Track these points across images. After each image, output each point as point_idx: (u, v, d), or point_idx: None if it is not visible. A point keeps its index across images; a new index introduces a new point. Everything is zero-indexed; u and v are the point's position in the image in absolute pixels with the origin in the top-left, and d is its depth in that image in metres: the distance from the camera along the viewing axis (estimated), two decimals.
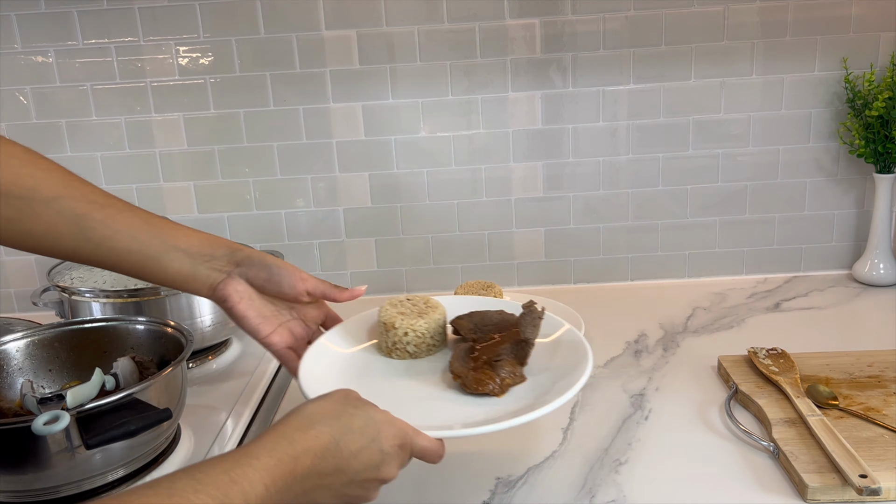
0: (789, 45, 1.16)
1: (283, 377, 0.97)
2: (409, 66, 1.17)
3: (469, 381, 0.66)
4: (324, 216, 1.25)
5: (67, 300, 0.95)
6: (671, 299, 1.17)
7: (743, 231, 1.25)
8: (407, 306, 0.76)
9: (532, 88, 1.18)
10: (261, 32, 1.16)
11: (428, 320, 0.74)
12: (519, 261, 1.27)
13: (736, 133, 1.20)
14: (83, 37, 1.15)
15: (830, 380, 0.83)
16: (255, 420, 0.86)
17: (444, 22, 1.15)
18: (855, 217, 1.24)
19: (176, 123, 1.20)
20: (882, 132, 1.13)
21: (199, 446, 0.78)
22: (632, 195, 1.23)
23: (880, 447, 0.69)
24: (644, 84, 1.18)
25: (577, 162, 1.22)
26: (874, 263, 1.18)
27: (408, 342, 0.73)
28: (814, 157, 1.21)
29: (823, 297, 1.16)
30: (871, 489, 0.61)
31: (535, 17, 1.15)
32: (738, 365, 0.88)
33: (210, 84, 1.18)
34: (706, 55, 1.16)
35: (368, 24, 1.15)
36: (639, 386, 0.88)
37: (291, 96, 1.19)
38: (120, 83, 1.18)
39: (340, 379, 0.68)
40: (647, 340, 1.01)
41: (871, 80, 1.13)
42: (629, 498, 0.66)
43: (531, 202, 1.24)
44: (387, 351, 0.75)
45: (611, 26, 1.15)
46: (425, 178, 1.23)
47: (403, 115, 1.20)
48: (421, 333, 0.74)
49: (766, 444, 0.72)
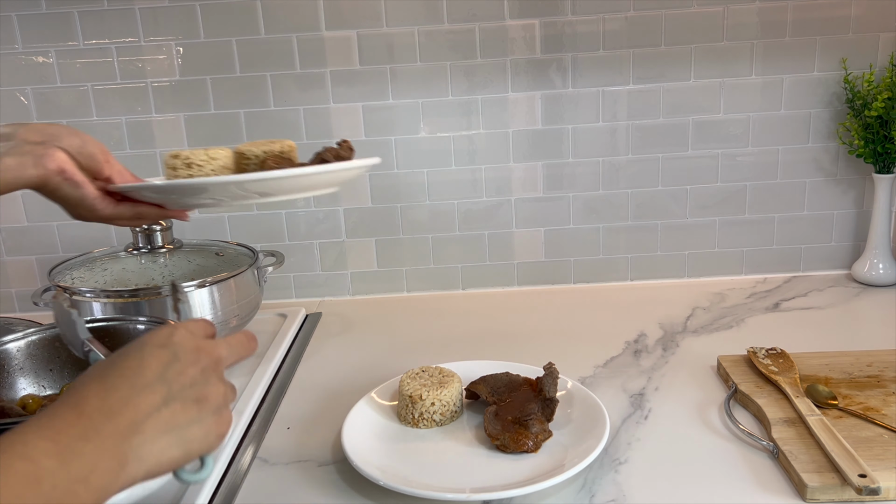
0: (789, 45, 1.16)
1: (283, 377, 0.98)
2: (409, 67, 1.17)
3: (507, 442, 0.72)
4: (324, 216, 1.25)
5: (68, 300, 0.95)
6: (671, 299, 1.17)
7: (742, 231, 1.25)
8: (425, 378, 0.82)
9: (532, 89, 1.18)
10: (261, 32, 1.16)
11: (451, 389, 0.80)
12: (519, 261, 1.27)
13: (735, 133, 1.20)
14: (84, 37, 1.15)
15: (830, 379, 0.83)
16: (255, 420, 0.86)
17: (444, 22, 1.15)
18: (854, 217, 1.24)
19: (176, 123, 1.20)
20: (881, 132, 1.13)
21: None
22: (631, 195, 1.23)
23: (879, 447, 0.69)
24: (644, 84, 1.18)
25: (577, 162, 1.22)
26: (873, 263, 1.18)
27: (434, 412, 0.79)
28: (813, 158, 1.21)
29: (823, 296, 1.16)
30: (871, 489, 0.62)
31: (534, 18, 1.15)
32: (738, 365, 0.88)
33: (210, 84, 1.18)
34: (706, 55, 1.17)
35: (368, 25, 1.16)
36: (638, 386, 0.88)
37: (291, 96, 1.19)
38: (120, 83, 1.18)
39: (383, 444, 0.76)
40: (646, 340, 1.01)
41: (871, 81, 1.13)
42: (629, 498, 0.67)
43: (531, 202, 1.24)
44: (413, 422, 0.80)
45: (610, 27, 1.15)
46: (425, 178, 1.23)
47: (403, 116, 1.20)
48: (446, 402, 0.80)
49: (766, 443, 0.72)
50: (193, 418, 0.46)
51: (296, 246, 1.26)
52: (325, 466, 0.75)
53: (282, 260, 1.11)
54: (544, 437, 0.73)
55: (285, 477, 0.74)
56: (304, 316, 1.19)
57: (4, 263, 1.27)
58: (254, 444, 0.80)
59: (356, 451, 0.72)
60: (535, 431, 0.73)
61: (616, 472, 0.71)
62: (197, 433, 0.46)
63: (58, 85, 1.18)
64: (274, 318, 1.16)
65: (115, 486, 0.41)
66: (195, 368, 0.47)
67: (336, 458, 0.76)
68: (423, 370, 0.84)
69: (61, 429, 0.40)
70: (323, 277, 1.28)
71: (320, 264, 1.27)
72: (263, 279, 1.07)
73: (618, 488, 0.68)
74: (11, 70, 1.17)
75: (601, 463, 0.72)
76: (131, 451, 0.42)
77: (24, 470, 0.36)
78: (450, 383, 0.81)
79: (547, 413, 0.77)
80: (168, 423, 0.44)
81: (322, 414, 0.86)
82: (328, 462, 0.76)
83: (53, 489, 0.37)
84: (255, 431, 0.84)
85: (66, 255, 1.21)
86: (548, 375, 0.79)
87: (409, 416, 0.80)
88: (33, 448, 0.38)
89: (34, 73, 1.17)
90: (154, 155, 1.21)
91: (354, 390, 0.89)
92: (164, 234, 1.05)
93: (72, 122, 1.19)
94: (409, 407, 0.80)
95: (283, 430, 0.83)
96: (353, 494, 0.70)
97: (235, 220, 1.25)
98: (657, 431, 0.78)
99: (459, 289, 1.28)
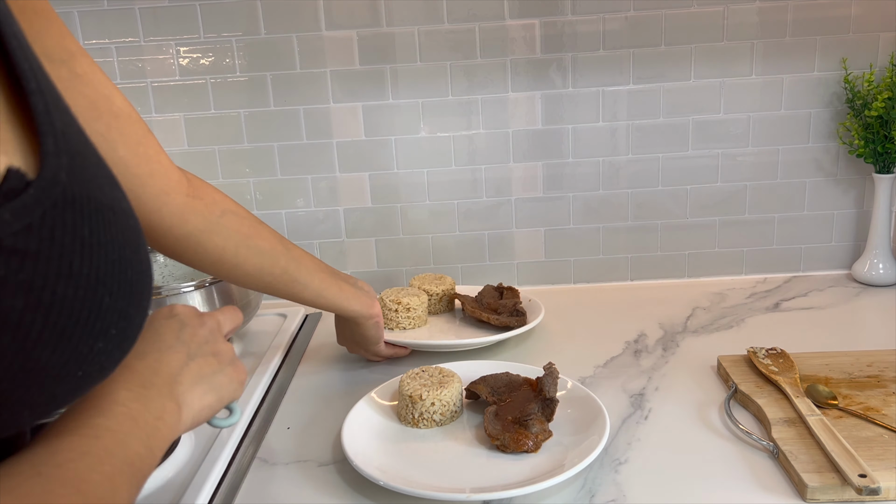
0: (789, 45, 1.16)
1: (283, 377, 0.98)
2: (409, 67, 1.17)
3: (508, 442, 0.73)
4: (324, 216, 1.25)
5: None
6: (671, 299, 1.17)
7: (742, 231, 1.25)
8: (425, 378, 0.83)
9: (532, 89, 1.18)
10: (261, 32, 1.16)
11: (451, 390, 0.81)
12: (519, 261, 1.27)
13: (735, 133, 1.20)
14: (84, 37, 1.15)
15: (830, 379, 0.83)
16: (255, 420, 0.86)
17: (444, 22, 1.15)
18: (854, 217, 1.24)
19: (176, 123, 1.20)
20: (881, 132, 1.13)
21: (199, 446, 0.78)
22: (631, 195, 1.23)
23: (880, 447, 0.69)
24: (644, 84, 1.18)
25: (577, 162, 1.22)
26: (874, 263, 1.18)
27: (434, 412, 0.79)
28: (813, 158, 1.21)
29: (823, 296, 1.16)
30: (871, 489, 0.62)
31: (534, 18, 1.15)
32: (738, 365, 0.88)
33: (210, 84, 1.18)
34: (706, 55, 1.17)
35: (368, 25, 1.16)
36: (638, 386, 0.88)
37: (291, 96, 1.19)
38: (121, 83, 1.18)
39: (383, 444, 0.76)
40: (646, 340, 1.01)
41: (871, 81, 1.13)
42: (629, 498, 0.67)
43: (531, 202, 1.24)
44: (413, 422, 0.80)
45: (610, 26, 1.15)
46: (425, 178, 1.23)
47: (403, 115, 1.20)
48: (446, 402, 0.80)
49: (766, 443, 0.72)
50: (216, 369, 0.54)
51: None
52: (325, 466, 0.75)
53: None
54: (544, 437, 0.73)
55: (285, 477, 0.74)
56: (304, 316, 1.19)
57: None
58: (254, 444, 0.80)
59: (356, 451, 0.72)
60: (535, 431, 0.73)
61: (616, 472, 0.71)
62: (223, 380, 0.54)
63: None
64: (274, 318, 1.16)
65: (180, 427, 0.49)
66: (203, 330, 0.55)
67: (336, 458, 0.76)
68: (423, 370, 0.84)
69: (129, 383, 0.46)
70: None
71: None
72: None
73: (618, 488, 0.68)
74: None
75: (601, 463, 0.72)
76: (181, 397, 0.49)
77: (123, 413, 0.43)
78: (450, 383, 0.81)
79: (547, 413, 0.77)
80: (197, 374, 0.52)
81: (322, 414, 0.86)
82: (328, 462, 0.76)
83: (145, 425, 0.44)
84: (255, 431, 0.84)
85: None
86: (548, 375, 0.80)
87: (409, 416, 0.80)
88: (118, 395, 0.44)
89: None
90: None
91: (354, 390, 0.89)
92: None
93: None
94: (409, 407, 0.80)
95: (283, 430, 0.83)
96: (353, 494, 0.70)
97: None
98: (657, 431, 0.78)
99: None
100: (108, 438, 0.41)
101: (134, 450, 0.42)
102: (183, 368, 0.51)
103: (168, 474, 0.73)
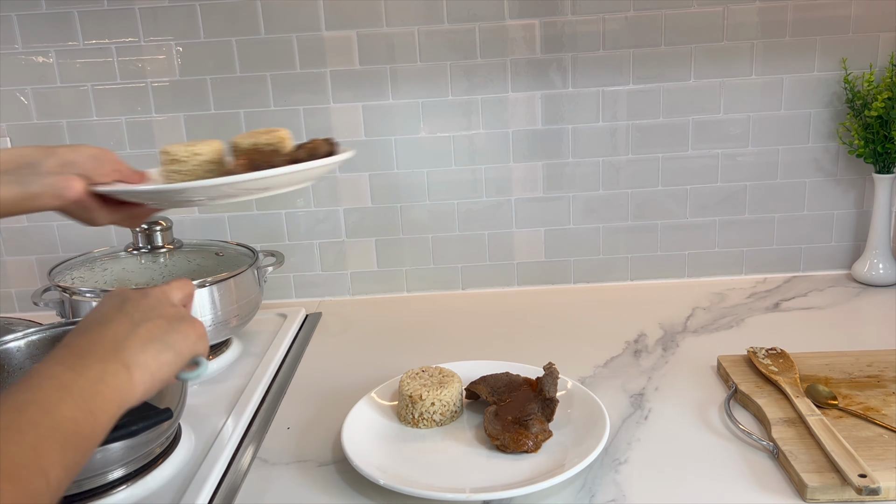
0: (789, 45, 1.16)
1: (283, 377, 0.98)
2: (409, 67, 1.17)
3: (507, 442, 0.72)
4: (324, 216, 1.25)
5: (68, 300, 0.95)
6: (671, 299, 1.17)
7: (742, 231, 1.25)
8: (425, 378, 0.82)
9: (532, 89, 1.18)
10: (261, 32, 1.16)
11: (451, 390, 0.80)
12: (519, 261, 1.27)
13: (735, 133, 1.20)
14: (84, 37, 1.15)
15: (830, 379, 0.83)
16: (255, 420, 0.86)
17: (444, 22, 1.15)
18: (854, 217, 1.24)
19: (177, 123, 1.20)
20: (881, 132, 1.13)
21: (200, 446, 0.78)
22: (631, 195, 1.23)
23: (879, 447, 0.69)
24: (644, 84, 1.18)
25: (577, 162, 1.22)
26: (873, 263, 1.18)
27: (434, 412, 0.79)
28: (813, 158, 1.21)
29: (823, 296, 1.16)
30: (871, 489, 0.62)
31: (534, 18, 1.15)
32: (738, 365, 0.88)
33: (210, 84, 1.18)
34: (706, 55, 1.16)
35: (368, 25, 1.16)
36: (638, 386, 0.88)
37: (291, 96, 1.19)
38: (121, 83, 1.18)
39: (383, 444, 0.76)
40: (646, 340, 1.02)
41: (871, 81, 1.13)
42: (629, 498, 0.67)
43: (531, 202, 1.24)
44: (413, 422, 0.80)
45: (610, 27, 1.15)
46: (425, 178, 1.23)
47: (403, 115, 1.20)
48: (446, 402, 0.80)
49: (766, 443, 0.72)
50: (166, 329, 0.54)
51: (296, 246, 1.26)
52: (325, 466, 0.75)
53: (282, 260, 1.11)
54: (544, 437, 0.73)
55: (285, 477, 0.74)
56: (304, 316, 1.19)
57: (4, 263, 1.27)
58: (254, 444, 0.80)
59: (356, 451, 0.72)
60: (535, 431, 0.73)
61: (616, 472, 0.71)
62: (177, 338, 0.54)
63: (58, 85, 1.18)
64: (274, 318, 1.16)
65: (134, 386, 0.49)
66: (148, 300, 0.56)
67: (336, 458, 0.76)
68: (423, 370, 0.84)
69: (64, 357, 0.48)
70: (323, 277, 1.28)
71: (320, 264, 1.27)
72: (263, 279, 1.07)
73: (618, 488, 0.68)
74: (11, 70, 1.17)
75: (601, 463, 0.72)
76: (129, 359, 0.50)
77: (52, 384, 0.45)
78: (450, 383, 0.81)
79: (547, 413, 0.77)
80: (146, 337, 0.52)
81: (322, 414, 0.86)
82: (328, 462, 0.76)
83: (81, 391, 0.45)
84: (255, 431, 0.84)
85: (66, 255, 1.20)
86: (548, 375, 0.80)
87: (409, 416, 0.80)
88: (50, 370, 0.46)
89: (34, 72, 1.17)
90: (154, 155, 1.21)
91: (354, 390, 0.89)
92: (164, 234, 1.05)
93: (72, 122, 1.19)
94: (409, 407, 0.80)
95: (283, 430, 0.83)
96: (353, 494, 0.70)
97: (235, 220, 1.25)
98: (657, 431, 0.78)
99: (459, 289, 1.28)
100: (33, 410, 0.42)
101: (65, 415, 0.43)
102: (129, 334, 0.52)
103: (168, 474, 0.73)
